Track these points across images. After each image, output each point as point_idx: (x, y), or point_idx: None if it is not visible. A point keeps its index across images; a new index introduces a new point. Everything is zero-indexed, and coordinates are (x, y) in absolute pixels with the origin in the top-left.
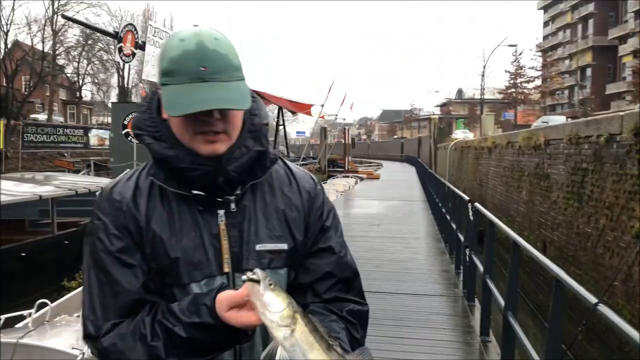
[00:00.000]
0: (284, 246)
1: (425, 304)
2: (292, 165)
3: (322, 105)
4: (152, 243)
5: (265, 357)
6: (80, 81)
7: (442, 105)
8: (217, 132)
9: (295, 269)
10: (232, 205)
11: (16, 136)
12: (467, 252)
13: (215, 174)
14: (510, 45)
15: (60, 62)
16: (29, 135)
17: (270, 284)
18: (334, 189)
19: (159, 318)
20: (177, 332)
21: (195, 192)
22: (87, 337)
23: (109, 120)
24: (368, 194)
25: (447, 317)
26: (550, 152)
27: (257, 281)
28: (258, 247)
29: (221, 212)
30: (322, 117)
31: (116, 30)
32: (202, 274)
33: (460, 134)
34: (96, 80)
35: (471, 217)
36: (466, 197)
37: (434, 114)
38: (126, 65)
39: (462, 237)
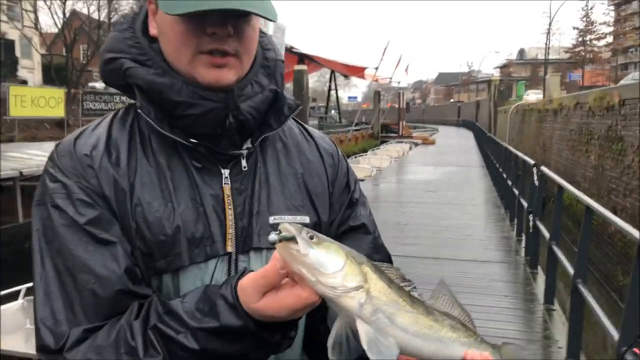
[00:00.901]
0: (306, 219)
1: (484, 271)
2: (304, 124)
3: (376, 68)
4: (139, 213)
5: (334, 344)
6: None
7: (502, 67)
8: (227, 54)
9: None
10: (243, 163)
11: (76, 105)
12: (531, 218)
13: (224, 113)
14: None
15: None
16: (87, 102)
17: (311, 236)
18: (388, 154)
19: (154, 322)
20: (184, 342)
21: (193, 140)
22: (43, 350)
23: None
24: (423, 160)
25: (508, 284)
26: (626, 112)
27: (290, 239)
28: (272, 219)
29: (225, 172)
30: (376, 80)
31: None
32: (204, 253)
33: (533, 96)
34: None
35: (536, 182)
36: (531, 161)
37: (493, 76)
38: None
39: (525, 203)
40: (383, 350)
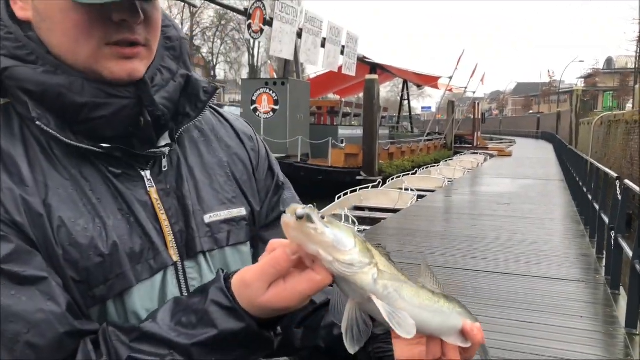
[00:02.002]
0: (242, 211)
1: (559, 289)
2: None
3: (450, 78)
4: (64, 235)
5: (348, 328)
6: (214, 60)
7: (587, 77)
8: (136, 43)
9: (254, 246)
10: (164, 163)
11: None
12: (613, 235)
13: (136, 110)
14: None
15: (197, 42)
16: None
17: (322, 217)
18: (461, 165)
19: (126, 354)
20: None
21: (104, 145)
22: None
23: (240, 97)
24: (498, 172)
25: (586, 304)
26: None
27: (301, 217)
28: (207, 217)
29: (146, 173)
30: (450, 89)
31: (246, 8)
32: (148, 268)
33: None
34: (228, 59)
35: (619, 196)
36: (613, 174)
37: (576, 86)
38: (256, 44)
39: (606, 219)
40: (403, 324)
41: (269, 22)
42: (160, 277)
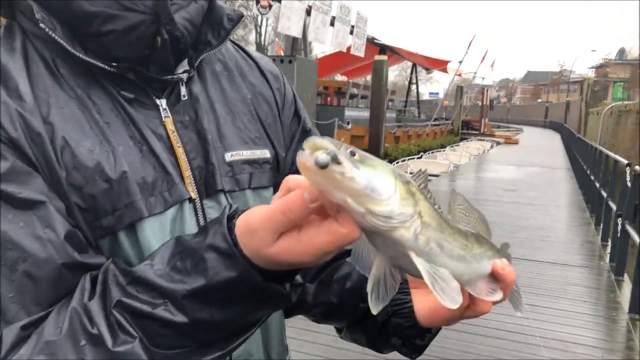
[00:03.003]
0: (266, 153)
1: (564, 274)
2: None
3: (460, 62)
4: (68, 156)
5: (374, 286)
6: None
7: (599, 67)
8: None
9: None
10: (182, 91)
11: None
12: (620, 222)
13: (153, 28)
14: None
15: None
16: None
17: (352, 152)
18: (467, 151)
19: (117, 298)
20: (166, 316)
21: (116, 64)
22: None
23: None
24: (504, 159)
25: (589, 289)
26: None
27: (325, 164)
28: (229, 156)
29: (162, 102)
30: (459, 74)
31: None
32: (162, 201)
33: None
34: (235, 37)
35: (628, 183)
36: (623, 160)
37: (587, 75)
38: (264, 22)
39: (613, 206)
40: (448, 290)
41: None
42: (175, 211)
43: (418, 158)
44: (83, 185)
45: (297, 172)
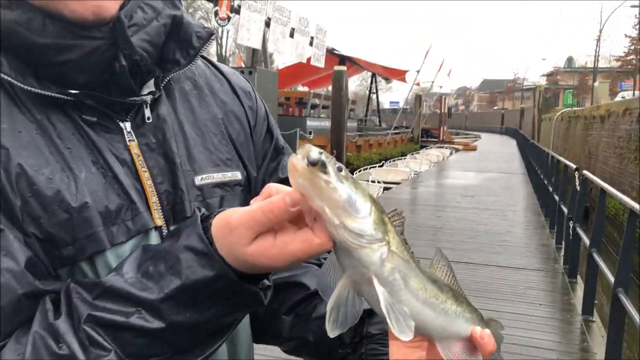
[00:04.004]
0: (237, 175)
1: (520, 278)
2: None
3: (418, 72)
4: (24, 184)
5: (334, 307)
6: None
7: (549, 75)
8: None
9: None
10: (146, 113)
11: None
12: (571, 225)
13: (110, 53)
14: (633, 6)
15: None
16: None
17: (340, 169)
18: (427, 158)
19: (86, 312)
20: (140, 324)
21: (73, 92)
22: None
23: None
24: (463, 165)
25: (545, 292)
26: None
27: (314, 164)
28: (199, 179)
29: (126, 125)
30: (417, 83)
31: None
32: (125, 230)
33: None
34: None
35: (577, 187)
36: (572, 165)
37: (539, 83)
38: (224, 34)
39: (565, 210)
40: (401, 322)
41: (236, 10)
42: (137, 241)
43: (379, 166)
44: (41, 215)
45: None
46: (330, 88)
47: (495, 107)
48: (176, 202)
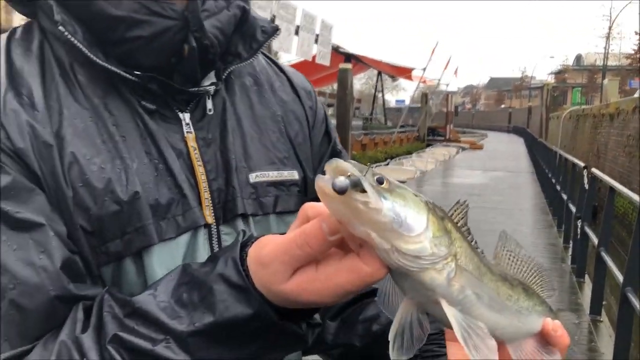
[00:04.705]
0: (294, 174)
1: None
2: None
3: (424, 69)
4: (76, 174)
5: (397, 335)
6: None
7: (557, 73)
8: None
9: None
10: (208, 105)
11: None
12: (579, 224)
13: (181, 35)
14: None
15: None
16: None
17: (380, 180)
18: (433, 157)
19: (113, 332)
20: (166, 354)
21: (138, 73)
22: None
23: None
24: (470, 164)
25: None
26: None
27: (343, 189)
28: (253, 177)
29: (185, 116)
30: (424, 81)
31: None
32: (175, 226)
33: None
34: None
35: (586, 185)
36: (581, 163)
37: (547, 81)
38: None
39: (573, 208)
40: (481, 347)
41: None
42: (187, 238)
43: (385, 165)
44: (91, 206)
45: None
46: (335, 86)
47: (503, 106)
48: (228, 199)
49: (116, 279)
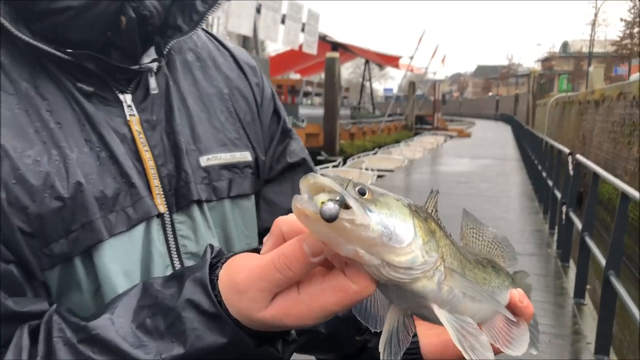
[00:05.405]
0: (247, 156)
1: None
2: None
3: (411, 58)
4: (7, 170)
5: (387, 341)
6: None
7: (544, 60)
8: None
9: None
10: (152, 83)
11: None
12: (564, 210)
13: (117, 6)
14: None
15: None
16: None
17: (362, 191)
18: (421, 145)
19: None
20: None
21: (72, 51)
22: None
23: None
24: (457, 152)
25: (538, 277)
26: None
27: (333, 217)
28: (205, 160)
29: (126, 97)
30: (411, 69)
31: None
32: (125, 218)
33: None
34: None
35: (571, 171)
36: (566, 149)
37: (534, 69)
38: (215, 21)
39: (559, 195)
40: (477, 348)
41: None
42: (141, 231)
43: (373, 154)
44: (28, 204)
45: (276, 177)
46: (323, 75)
47: (490, 94)
48: (179, 185)
49: (63, 282)
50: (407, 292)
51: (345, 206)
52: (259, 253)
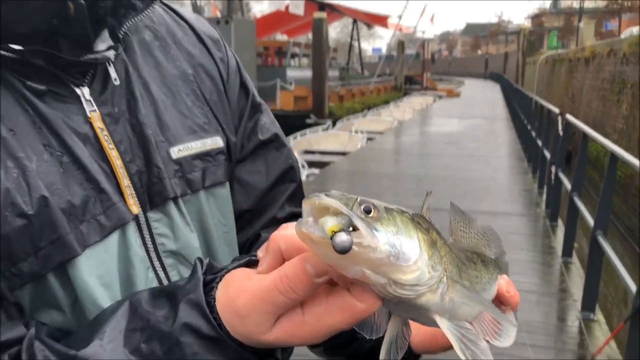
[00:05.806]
0: (218, 141)
1: (503, 223)
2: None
3: (400, 17)
4: None
5: (389, 350)
6: None
7: (534, 17)
8: None
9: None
10: (112, 73)
11: None
12: (553, 170)
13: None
14: None
15: None
16: None
17: (367, 209)
18: (410, 106)
19: None
20: None
21: (16, 47)
22: None
23: None
24: (447, 112)
25: (526, 236)
26: None
27: (347, 248)
28: (175, 151)
29: (83, 91)
30: (400, 29)
31: None
32: (98, 227)
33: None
34: None
35: (560, 132)
36: (556, 109)
37: (524, 25)
38: None
39: (548, 155)
40: (476, 352)
41: None
42: (116, 239)
43: (363, 116)
44: None
45: (248, 156)
46: (310, 36)
47: (479, 52)
48: (152, 182)
49: (37, 299)
50: (410, 306)
51: (353, 228)
52: (250, 264)
